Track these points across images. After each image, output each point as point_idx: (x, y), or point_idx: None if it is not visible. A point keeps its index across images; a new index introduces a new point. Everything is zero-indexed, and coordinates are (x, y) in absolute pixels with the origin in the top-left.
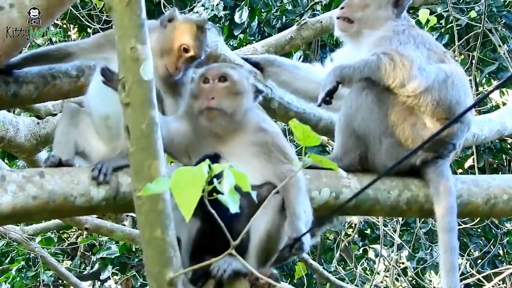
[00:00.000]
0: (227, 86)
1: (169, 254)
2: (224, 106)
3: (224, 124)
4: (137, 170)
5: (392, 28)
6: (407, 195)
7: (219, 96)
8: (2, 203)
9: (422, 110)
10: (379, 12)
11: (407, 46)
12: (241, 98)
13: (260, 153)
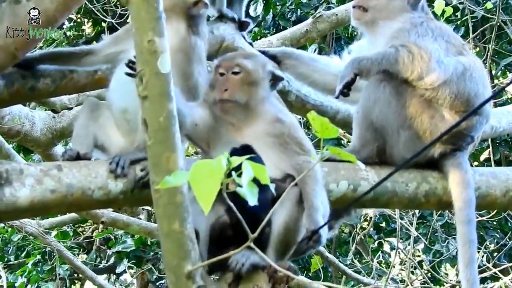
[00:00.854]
0: (241, 77)
1: (187, 247)
2: (238, 97)
3: (238, 114)
4: (155, 163)
5: (409, 20)
6: (425, 188)
7: (233, 88)
8: (20, 196)
9: (440, 103)
10: (394, 1)
11: (425, 39)
12: (256, 87)
13: (276, 144)
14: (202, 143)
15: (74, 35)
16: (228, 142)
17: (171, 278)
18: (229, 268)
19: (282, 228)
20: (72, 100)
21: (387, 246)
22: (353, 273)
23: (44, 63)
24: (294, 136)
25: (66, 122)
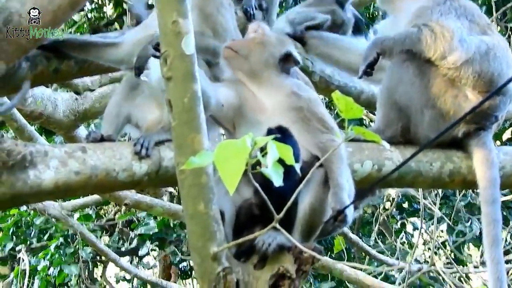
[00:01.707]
0: (254, 37)
1: (212, 228)
2: (241, 49)
3: (237, 65)
4: (180, 144)
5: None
6: (450, 167)
7: (242, 41)
8: (44, 179)
9: (463, 82)
10: None
11: (448, 17)
12: (262, 50)
13: (299, 121)
14: (228, 124)
15: (95, 17)
16: (253, 122)
17: (196, 260)
18: (255, 248)
19: (308, 209)
20: (94, 82)
21: (410, 227)
22: (376, 253)
23: (68, 48)
24: (314, 111)
25: (89, 103)
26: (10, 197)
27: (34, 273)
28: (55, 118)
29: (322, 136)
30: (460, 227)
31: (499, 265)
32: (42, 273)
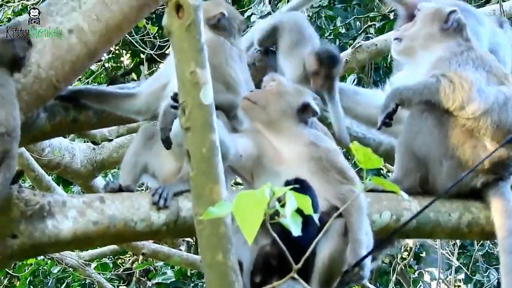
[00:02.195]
0: (271, 88)
1: (230, 278)
2: (258, 99)
3: (255, 115)
4: (198, 194)
5: (449, 49)
6: (468, 218)
7: (259, 92)
8: (63, 229)
9: (482, 133)
10: (426, 27)
11: (466, 68)
12: (280, 100)
13: (318, 171)
14: (246, 175)
15: (113, 67)
16: (271, 172)
17: None
18: None
19: (326, 259)
20: (112, 131)
21: (427, 276)
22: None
23: (85, 98)
24: (333, 162)
25: (106, 153)
26: (29, 247)
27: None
28: (72, 168)
29: (341, 187)
30: (478, 277)
31: None
32: None
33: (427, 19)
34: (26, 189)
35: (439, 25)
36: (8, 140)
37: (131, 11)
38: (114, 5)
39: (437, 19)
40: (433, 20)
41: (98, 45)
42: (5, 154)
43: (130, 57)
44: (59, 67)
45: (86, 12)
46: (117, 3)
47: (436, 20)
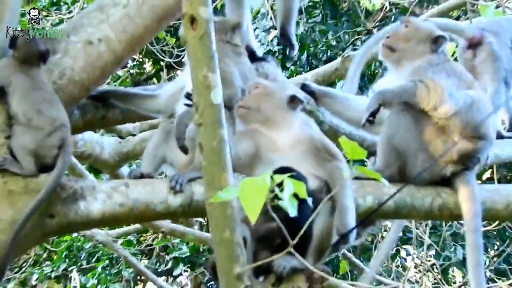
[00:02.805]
0: (258, 91)
1: (236, 252)
2: (252, 105)
3: (252, 118)
4: (209, 181)
5: (428, 61)
6: (439, 202)
7: (250, 98)
8: (93, 210)
9: (452, 129)
10: (419, 46)
11: (440, 76)
12: (268, 98)
13: (309, 152)
14: (246, 170)
15: (137, 73)
16: (269, 161)
17: (223, 279)
18: (272, 270)
19: (318, 235)
20: (135, 127)
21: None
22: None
23: (113, 98)
24: (321, 141)
25: (131, 146)
26: (64, 225)
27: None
28: (101, 158)
29: (329, 164)
30: (446, 253)
31: (481, 285)
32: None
33: (420, 38)
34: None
35: (429, 45)
36: (65, 130)
37: (152, 24)
38: (137, 18)
39: (429, 41)
40: (426, 40)
41: (124, 52)
42: (63, 141)
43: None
44: (90, 72)
45: (113, 24)
46: (140, 17)
47: (428, 41)
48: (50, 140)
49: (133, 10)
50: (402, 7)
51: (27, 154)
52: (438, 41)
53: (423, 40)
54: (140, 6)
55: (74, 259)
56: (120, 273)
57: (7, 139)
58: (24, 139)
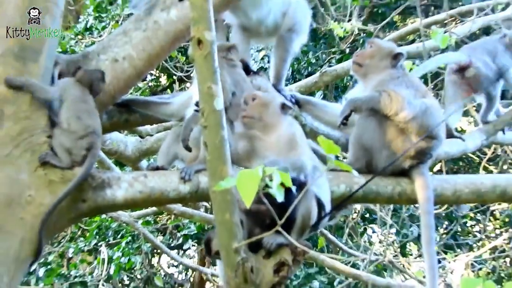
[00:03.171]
0: (256, 102)
1: (235, 231)
2: (253, 113)
3: (256, 126)
4: (212, 172)
5: (389, 75)
6: (399, 189)
7: (250, 108)
8: (117, 196)
9: (410, 131)
10: (381, 62)
11: (400, 87)
12: (266, 108)
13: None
14: (243, 163)
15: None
16: (261, 156)
17: (223, 253)
18: (262, 246)
19: (300, 217)
20: (153, 129)
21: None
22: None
23: (134, 105)
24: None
25: (149, 144)
26: (94, 208)
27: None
28: (125, 154)
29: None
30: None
31: (432, 257)
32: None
33: (382, 55)
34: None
35: (390, 61)
36: (95, 136)
37: (166, 44)
38: (154, 40)
39: (390, 57)
40: (387, 57)
41: (143, 68)
42: (92, 145)
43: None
44: (116, 84)
45: (135, 45)
46: (157, 39)
47: (389, 58)
48: (81, 142)
49: (151, 34)
50: (368, 31)
51: (63, 151)
52: (397, 57)
53: (385, 56)
54: (157, 31)
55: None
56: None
57: (48, 138)
58: (61, 139)
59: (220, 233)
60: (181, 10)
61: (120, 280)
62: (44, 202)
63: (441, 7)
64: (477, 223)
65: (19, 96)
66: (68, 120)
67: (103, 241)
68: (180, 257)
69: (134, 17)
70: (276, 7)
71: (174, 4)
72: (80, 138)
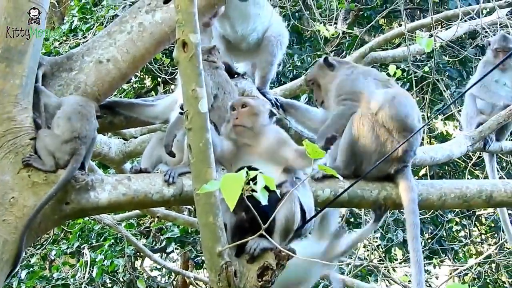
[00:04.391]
0: (247, 110)
1: (218, 234)
2: (245, 123)
3: (248, 135)
4: (196, 175)
5: (340, 77)
6: (384, 194)
7: (241, 117)
8: (101, 198)
9: (388, 127)
10: (325, 70)
11: (357, 82)
12: (257, 117)
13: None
14: (227, 164)
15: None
16: (245, 161)
17: (207, 256)
18: (246, 251)
19: (284, 220)
20: (137, 131)
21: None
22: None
23: (119, 107)
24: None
25: (133, 146)
26: (77, 211)
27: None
28: (109, 156)
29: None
30: (390, 235)
31: (418, 252)
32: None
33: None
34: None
35: (327, 69)
36: (79, 142)
37: (151, 47)
38: (139, 42)
39: (326, 68)
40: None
41: (127, 70)
42: (75, 151)
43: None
44: (100, 85)
45: (119, 47)
46: (142, 41)
47: (325, 69)
48: (65, 147)
49: (136, 36)
50: (353, 35)
51: (47, 153)
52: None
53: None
54: (141, 33)
55: (86, 238)
56: (123, 250)
57: (31, 140)
58: (46, 141)
59: (204, 236)
60: (166, 13)
61: (102, 283)
62: (27, 204)
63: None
64: (463, 228)
65: (3, 97)
66: (58, 120)
67: (86, 244)
68: (163, 260)
69: (119, 18)
70: (260, 26)
71: (159, 7)
72: (64, 142)
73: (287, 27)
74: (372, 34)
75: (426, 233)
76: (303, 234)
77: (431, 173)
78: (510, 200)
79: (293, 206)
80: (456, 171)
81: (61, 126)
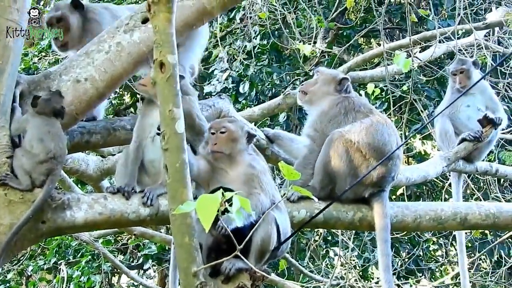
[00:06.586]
0: (226, 135)
1: (194, 254)
2: (224, 149)
3: (225, 161)
4: (172, 196)
5: (329, 104)
6: (360, 215)
7: (220, 143)
8: (77, 217)
9: (364, 153)
10: (325, 87)
11: (337, 119)
12: (236, 143)
13: (247, 184)
14: (203, 184)
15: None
16: (221, 182)
17: (182, 276)
18: (221, 271)
19: (259, 241)
20: (115, 148)
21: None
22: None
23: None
24: (260, 179)
25: (110, 163)
26: (54, 229)
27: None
28: (87, 173)
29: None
30: (366, 255)
31: (390, 283)
32: (76, 280)
33: (326, 81)
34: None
35: (334, 86)
36: (55, 162)
37: (129, 66)
38: (117, 62)
39: (334, 82)
40: (331, 82)
41: (105, 89)
42: (50, 171)
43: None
44: (78, 104)
45: (97, 66)
46: (119, 61)
47: (333, 83)
48: (40, 167)
49: (113, 56)
50: (333, 54)
51: (24, 173)
52: (342, 82)
53: (329, 82)
54: (119, 53)
55: (63, 254)
56: (100, 266)
57: (8, 159)
58: (22, 161)
59: (179, 256)
60: (144, 32)
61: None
62: (3, 222)
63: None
64: (440, 247)
65: None
66: (31, 142)
67: (62, 260)
68: (140, 277)
69: (98, 38)
70: None
71: (138, 26)
72: (40, 162)
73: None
74: (351, 53)
75: (403, 252)
76: (279, 255)
77: (408, 193)
78: (484, 223)
79: (269, 227)
80: (434, 190)
81: (35, 146)
